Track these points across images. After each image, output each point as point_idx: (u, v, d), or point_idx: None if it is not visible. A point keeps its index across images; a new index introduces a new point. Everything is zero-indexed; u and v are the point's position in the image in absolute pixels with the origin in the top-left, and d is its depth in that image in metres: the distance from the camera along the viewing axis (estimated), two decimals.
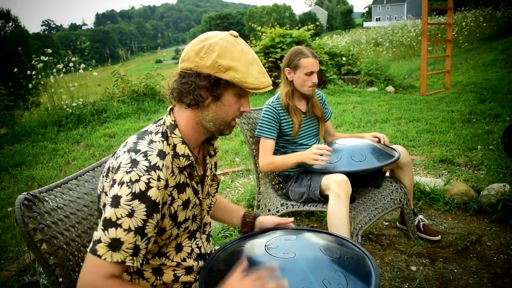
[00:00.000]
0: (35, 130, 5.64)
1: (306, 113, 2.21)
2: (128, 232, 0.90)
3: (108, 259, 0.88)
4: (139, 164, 0.94)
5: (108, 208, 0.91)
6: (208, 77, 0.97)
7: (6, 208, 3.21)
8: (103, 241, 0.89)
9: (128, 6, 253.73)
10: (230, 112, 1.04)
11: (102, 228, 0.90)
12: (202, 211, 1.17)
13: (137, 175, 0.91)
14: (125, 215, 0.90)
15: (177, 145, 1.03)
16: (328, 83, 7.86)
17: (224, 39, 0.99)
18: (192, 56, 0.98)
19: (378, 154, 1.94)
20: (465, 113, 5.11)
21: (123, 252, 0.89)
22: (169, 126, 1.05)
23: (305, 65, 2.06)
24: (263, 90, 1.01)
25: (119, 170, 0.94)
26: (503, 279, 1.95)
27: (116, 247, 0.89)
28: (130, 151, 0.97)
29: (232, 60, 0.96)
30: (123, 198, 0.90)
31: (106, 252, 0.88)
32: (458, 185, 2.83)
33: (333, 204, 1.81)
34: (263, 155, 2.10)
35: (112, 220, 0.90)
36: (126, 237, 0.90)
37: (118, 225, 0.89)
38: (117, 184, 0.92)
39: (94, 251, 0.89)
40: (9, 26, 24.34)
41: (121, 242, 0.89)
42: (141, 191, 0.91)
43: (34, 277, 2.15)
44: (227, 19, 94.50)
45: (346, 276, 0.95)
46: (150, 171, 0.93)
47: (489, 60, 10.01)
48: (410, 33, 16.07)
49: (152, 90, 6.99)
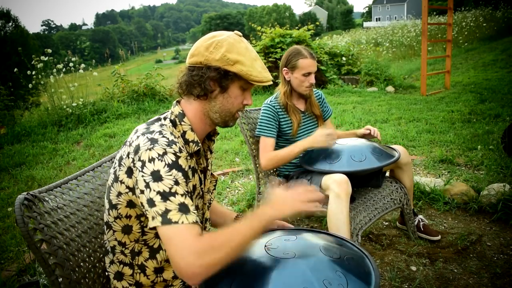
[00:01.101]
0: (35, 130, 5.64)
1: (304, 112, 2.22)
2: (185, 196, 0.94)
3: (186, 221, 0.89)
4: (159, 141, 0.99)
5: (153, 184, 0.93)
6: (217, 69, 1.06)
7: (6, 208, 3.21)
8: (172, 209, 0.90)
9: (128, 6, 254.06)
10: (235, 104, 1.12)
11: (162, 201, 0.91)
12: (204, 205, 1.22)
13: (162, 149, 0.97)
14: (173, 184, 0.94)
15: (186, 131, 1.11)
16: (328, 83, 7.86)
17: (231, 37, 1.08)
18: (202, 51, 1.07)
19: (378, 154, 1.93)
20: (465, 113, 5.11)
21: (193, 213, 0.92)
22: (178, 115, 1.12)
23: (303, 66, 2.06)
24: (265, 83, 1.10)
25: (141, 151, 0.97)
26: (503, 279, 1.95)
27: (186, 210, 0.92)
28: (144, 134, 1.02)
29: (239, 55, 1.06)
30: (162, 171, 0.94)
31: (180, 216, 0.90)
32: (458, 185, 2.83)
33: (333, 204, 1.81)
34: (264, 153, 2.09)
35: (166, 191, 0.92)
36: (187, 200, 0.94)
37: (175, 193, 0.93)
38: (148, 162, 0.95)
39: (169, 220, 0.89)
40: (9, 26, 24.37)
41: (186, 205, 0.92)
42: (173, 161, 0.96)
43: (34, 277, 2.15)
44: (227, 19, 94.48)
45: (346, 276, 0.95)
46: (171, 144, 0.99)
47: (489, 60, 10.01)
48: (410, 33, 16.06)
49: (152, 90, 6.99)
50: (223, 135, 4.98)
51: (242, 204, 2.98)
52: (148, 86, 6.99)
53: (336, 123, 5.08)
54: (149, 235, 1.11)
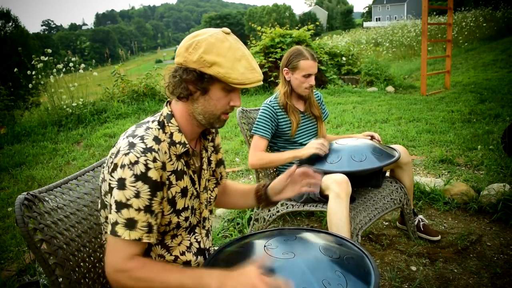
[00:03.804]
0: (35, 130, 5.64)
1: (304, 113, 2.22)
2: (139, 212, 0.97)
3: (127, 237, 0.96)
4: (136, 146, 1.00)
5: (116, 191, 0.98)
6: (193, 72, 1.02)
7: (6, 208, 3.21)
8: (120, 222, 0.97)
9: (128, 6, 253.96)
10: (218, 106, 1.07)
11: (116, 211, 0.97)
12: (201, 204, 1.20)
13: (135, 157, 0.98)
14: (132, 196, 0.97)
15: (173, 133, 1.09)
16: (328, 83, 7.86)
17: (214, 36, 1.02)
18: (182, 51, 1.04)
19: (378, 154, 1.93)
20: (465, 113, 5.10)
21: (139, 230, 0.97)
22: (166, 116, 1.11)
23: (304, 67, 2.05)
24: (249, 85, 1.03)
25: (119, 154, 1.00)
26: (503, 279, 1.95)
27: (132, 226, 0.97)
28: (128, 136, 1.04)
29: (218, 56, 1.00)
30: (128, 180, 0.97)
31: (124, 231, 0.96)
32: (458, 185, 2.83)
33: (333, 204, 1.81)
34: (254, 151, 2.09)
35: (123, 201, 0.97)
36: (138, 216, 0.97)
37: (129, 205, 0.97)
38: (119, 167, 0.98)
39: (115, 232, 0.97)
40: (9, 26, 24.33)
41: (135, 221, 0.97)
42: (142, 173, 0.97)
43: (34, 277, 2.15)
44: (227, 19, 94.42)
45: (346, 276, 0.95)
46: (146, 152, 0.99)
47: (489, 60, 10.01)
48: (410, 33, 16.07)
49: (152, 90, 6.99)
50: (223, 135, 4.98)
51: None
52: (148, 86, 6.99)
53: (336, 123, 5.08)
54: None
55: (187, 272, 0.99)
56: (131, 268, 0.96)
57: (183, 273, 0.98)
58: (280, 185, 1.30)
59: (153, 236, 1.01)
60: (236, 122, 2.35)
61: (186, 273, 0.98)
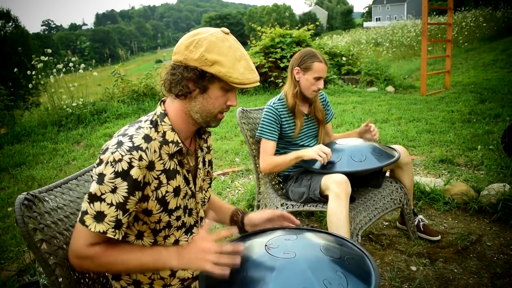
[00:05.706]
0: (35, 130, 5.64)
1: (307, 115, 2.21)
2: (110, 206, 0.98)
3: (92, 229, 0.98)
4: (123, 145, 1.00)
5: (94, 184, 0.99)
6: (194, 70, 1.02)
7: (6, 208, 3.21)
8: (90, 213, 0.98)
9: (128, 6, 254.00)
10: (216, 105, 1.08)
11: (88, 201, 0.99)
12: (197, 204, 1.20)
13: (119, 155, 0.98)
14: (108, 191, 0.98)
15: (166, 132, 1.09)
16: (328, 83, 7.86)
17: (214, 35, 1.03)
18: (182, 49, 1.03)
19: (378, 154, 1.93)
20: (465, 113, 5.11)
21: (106, 224, 0.98)
22: (160, 115, 1.10)
23: (317, 69, 2.05)
24: (248, 86, 1.04)
25: (107, 151, 1.00)
26: (503, 279, 1.95)
27: (100, 219, 0.98)
28: (119, 135, 1.05)
29: (219, 55, 1.00)
30: (107, 177, 0.97)
31: (91, 222, 0.98)
32: (458, 185, 2.83)
33: (333, 204, 1.81)
34: (263, 156, 2.10)
35: (97, 195, 0.98)
36: (109, 211, 0.98)
37: (103, 200, 0.98)
38: (103, 163, 0.99)
39: (83, 221, 0.99)
40: (9, 26, 24.34)
41: (104, 215, 0.98)
42: (124, 170, 0.98)
43: (34, 277, 2.15)
44: (227, 19, 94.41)
45: (347, 276, 0.95)
46: (132, 151, 0.99)
47: (489, 60, 10.02)
48: (410, 33, 16.07)
49: (152, 90, 6.99)
50: (223, 135, 4.98)
51: (242, 204, 2.98)
52: (148, 86, 6.99)
53: (336, 123, 5.08)
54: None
55: (146, 251, 1.03)
56: (92, 254, 0.99)
57: (143, 252, 1.03)
58: (258, 221, 1.28)
59: (120, 233, 1.01)
60: (236, 122, 2.35)
61: (146, 252, 1.03)
